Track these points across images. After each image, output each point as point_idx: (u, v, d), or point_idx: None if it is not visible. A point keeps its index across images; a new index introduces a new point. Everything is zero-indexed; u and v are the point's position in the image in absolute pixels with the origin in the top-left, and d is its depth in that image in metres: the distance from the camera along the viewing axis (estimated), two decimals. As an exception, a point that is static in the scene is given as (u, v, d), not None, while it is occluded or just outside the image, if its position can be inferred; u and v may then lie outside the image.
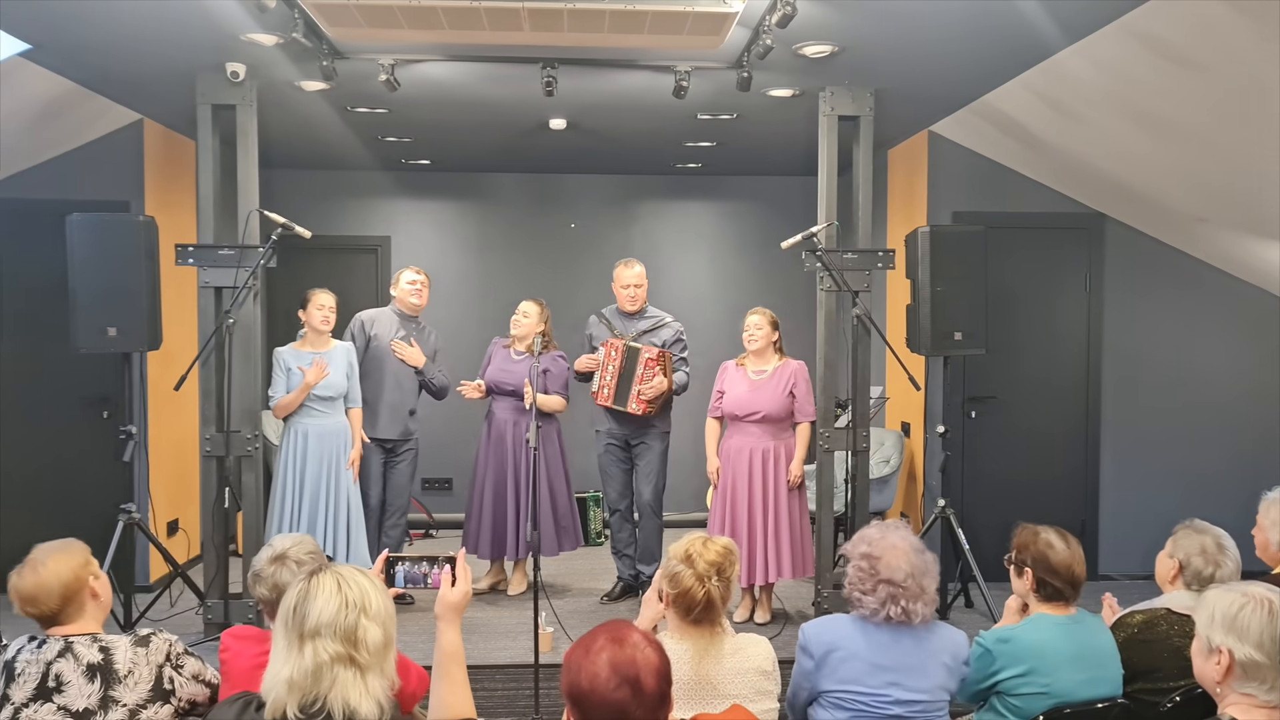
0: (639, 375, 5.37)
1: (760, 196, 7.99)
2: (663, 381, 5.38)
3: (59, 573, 2.60)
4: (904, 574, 2.63)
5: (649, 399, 5.38)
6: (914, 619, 2.64)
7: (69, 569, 2.62)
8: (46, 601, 2.59)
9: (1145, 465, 6.28)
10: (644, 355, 5.37)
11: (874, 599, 2.65)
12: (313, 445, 5.15)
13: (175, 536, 6.27)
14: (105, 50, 4.56)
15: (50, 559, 2.62)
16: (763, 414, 5.11)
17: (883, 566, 2.64)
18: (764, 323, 5.21)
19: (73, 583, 2.62)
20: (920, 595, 2.65)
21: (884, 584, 2.64)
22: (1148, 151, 5.11)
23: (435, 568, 2.44)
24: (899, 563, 2.64)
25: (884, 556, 2.66)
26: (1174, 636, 2.88)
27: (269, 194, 6.87)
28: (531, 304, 5.69)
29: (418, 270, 5.77)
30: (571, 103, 5.51)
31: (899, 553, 2.66)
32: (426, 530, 7.54)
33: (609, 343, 5.52)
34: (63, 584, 2.60)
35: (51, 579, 2.59)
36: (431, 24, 3.33)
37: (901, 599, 2.63)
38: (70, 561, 2.64)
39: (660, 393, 5.40)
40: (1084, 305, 6.28)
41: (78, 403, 5.94)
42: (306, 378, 5.10)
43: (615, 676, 1.87)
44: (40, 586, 2.59)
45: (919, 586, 2.64)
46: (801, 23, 3.96)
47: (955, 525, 5.31)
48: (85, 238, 4.97)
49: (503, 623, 5.30)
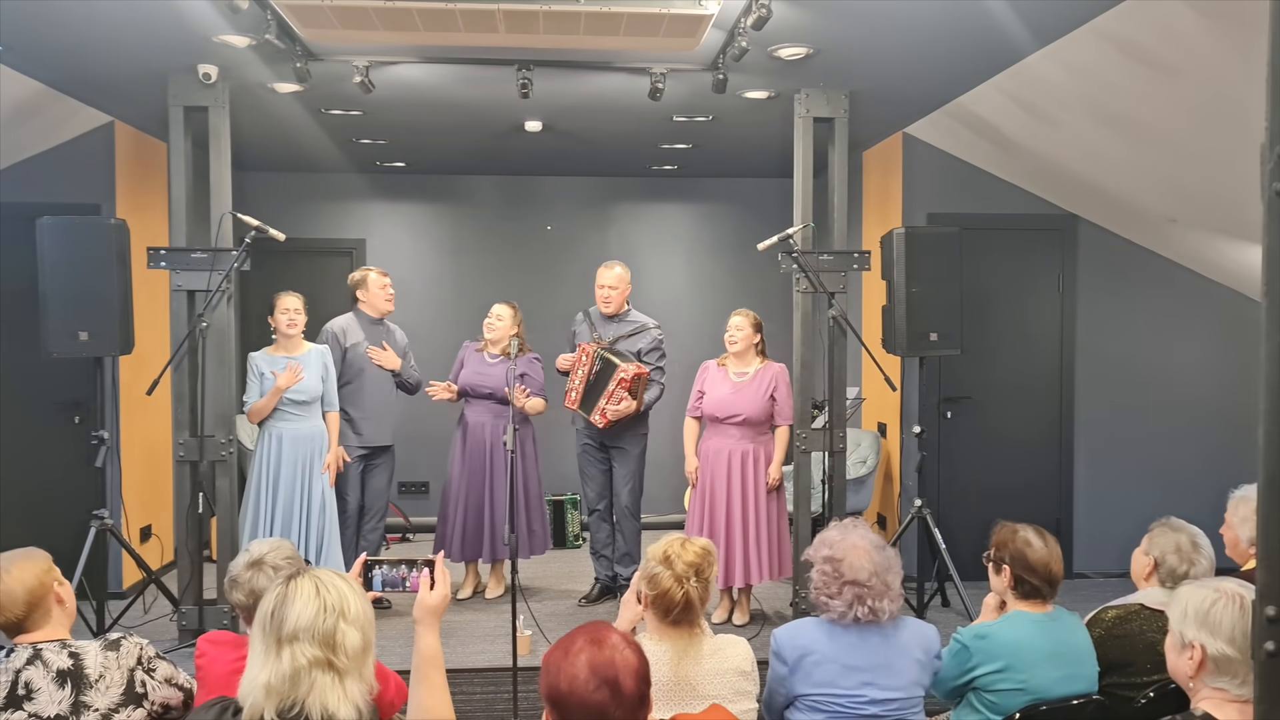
0: (608, 391, 5.33)
1: (736, 198, 8.01)
2: (630, 405, 5.33)
3: (23, 580, 2.57)
4: (868, 573, 2.65)
5: (610, 418, 5.36)
6: (882, 616, 2.66)
7: (32, 575, 2.60)
8: (11, 609, 2.56)
9: (1119, 464, 6.34)
10: (618, 374, 5.30)
11: (840, 601, 2.67)
12: (287, 449, 5.12)
13: (149, 542, 6.20)
14: (75, 52, 4.52)
15: (13, 567, 2.59)
16: (744, 416, 5.11)
17: (846, 568, 2.66)
18: (746, 324, 5.21)
19: (37, 589, 2.59)
20: (885, 592, 2.67)
21: (849, 585, 2.65)
22: (1119, 153, 5.16)
23: (414, 571, 2.43)
24: (861, 562, 2.66)
25: (846, 558, 2.67)
26: (1148, 632, 2.91)
27: (243, 196, 6.83)
28: (505, 306, 5.68)
29: (383, 273, 5.73)
30: (547, 105, 5.50)
31: (860, 552, 2.68)
32: (403, 534, 7.50)
33: (583, 346, 5.51)
34: (27, 590, 2.57)
35: (16, 586, 2.56)
36: (406, 26, 3.32)
37: (868, 598, 2.65)
38: (33, 569, 2.61)
39: (625, 415, 5.37)
40: (1057, 305, 6.34)
41: (49, 408, 5.87)
42: (279, 381, 5.06)
43: (594, 678, 1.87)
44: (4, 594, 2.56)
45: (883, 584, 2.66)
46: (776, 25, 3.98)
47: (931, 525, 5.34)
48: (56, 241, 4.92)
49: (481, 626, 5.29)
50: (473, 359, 5.68)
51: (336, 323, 5.57)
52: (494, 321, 5.63)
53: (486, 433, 5.58)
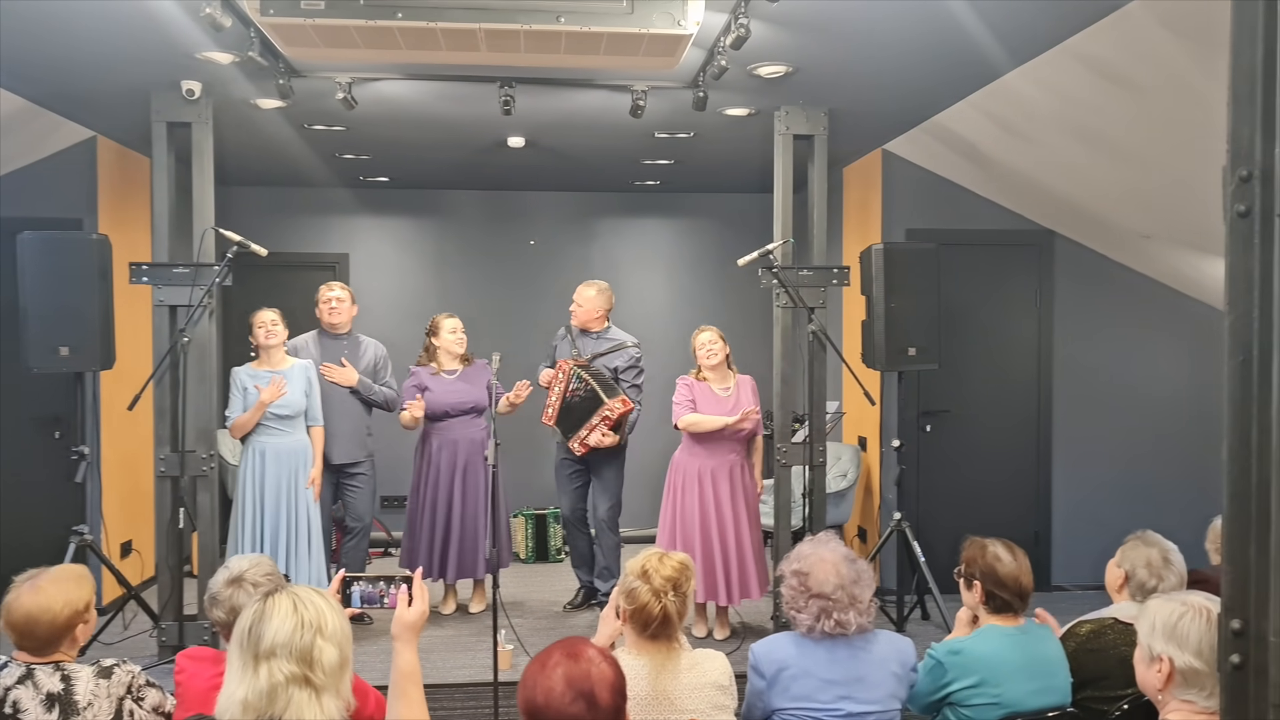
0: (590, 423, 5.34)
1: (718, 214, 8.06)
2: (610, 440, 5.35)
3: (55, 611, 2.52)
4: (833, 586, 2.68)
5: (590, 447, 5.38)
6: (849, 629, 2.69)
7: (68, 612, 2.54)
8: (34, 632, 2.53)
9: (1096, 477, 6.40)
10: (603, 411, 5.30)
11: (807, 615, 2.70)
12: (270, 464, 5.11)
13: (129, 558, 6.18)
14: (58, 67, 4.53)
15: (50, 591, 2.53)
16: (746, 430, 5.16)
17: (812, 581, 2.69)
18: (717, 338, 5.25)
19: (63, 626, 2.55)
20: (852, 605, 2.69)
21: (815, 599, 2.69)
22: (1093, 170, 5.23)
23: (392, 587, 2.44)
24: (827, 575, 2.69)
25: (813, 571, 2.71)
26: (1121, 645, 2.94)
27: (227, 211, 6.82)
28: (457, 319, 5.72)
29: (333, 285, 5.65)
30: (530, 121, 5.53)
31: (827, 565, 2.71)
32: (385, 549, 7.49)
33: (560, 363, 5.54)
34: (53, 625, 2.52)
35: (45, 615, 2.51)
36: (389, 44, 3.35)
37: (833, 611, 2.68)
38: (72, 602, 2.56)
39: (606, 446, 5.38)
40: (1034, 320, 6.40)
41: (29, 423, 5.84)
42: (263, 396, 5.06)
43: (570, 691, 1.89)
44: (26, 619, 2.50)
45: (849, 596, 2.69)
46: (755, 44, 4.03)
47: (910, 538, 5.37)
48: (36, 256, 4.91)
49: (461, 640, 5.29)
50: (434, 382, 5.59)
51: (296, 340, 5.53)
52: (462, 336, 5.66)
53: (458, 450, 5.57)
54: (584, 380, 5.40)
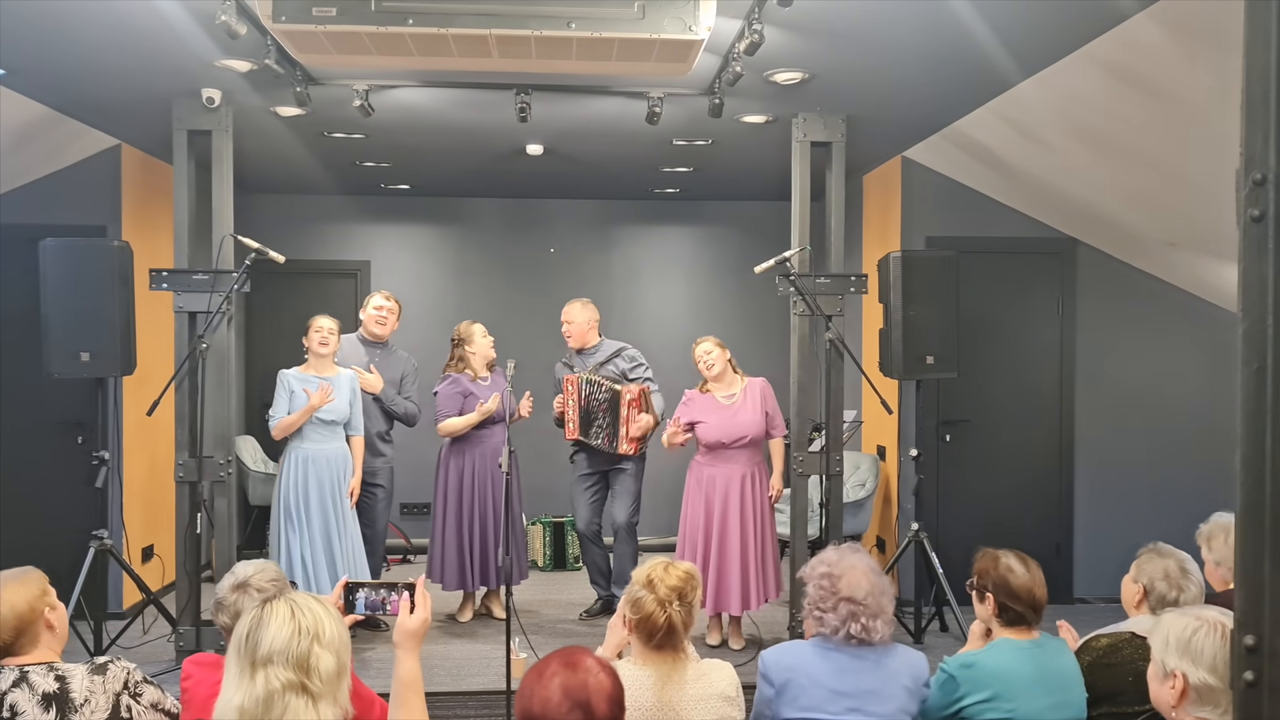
0: (624, 416, 5.39)
1: (737, 221, 8.04)
2: (648, 420, 5.42)
3: (13, 603, 2.55)
4: (864, 592, 2.66)
5: (638, 438, 5.42)
6: (874, 636, 2.66)
7: (23, 599, 2.57)
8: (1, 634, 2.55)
9: (1120, 488, 6.31)
10: (625, 398, 5.38)
11: (835, 616, 2.67)
12: (313, 470, 5.13)
13: (150, 563, 6.22)
14: (80, 76, 4.58)
15: (5, 589, 2.57)
16: (749, 437, 5.13)
17: (843, 585, 2.67)
18: (715, 348, 5.24)
19: (27, 614, 2.57)
20: (880, 613, 2.68)
21: (845, 602, 2.66)
22: (1115, 176, 5.17)
23: (394, 594, 2.43)
24: (859, 581, 2.68)
25: (844, 575, 2.69)
26: (1138, 661, 2.89)
27: (250, 219, 6.88)
28: (481, 326, 5.74)
29: (387, 296, 5.76)
30: (547, 128, 5.54)
31: (859, 572, 2.70)
32: (404, 556, 7.51)
33: (567, 379, 5.59)
34: (16, 615, 2.55)
35: (5, 610, 2.54)
36: (400, 50, 3.35)
37: (862, 616, 2.66)
38: (25, 592, 2.59)
39: (648, 430, 5.44)
40: (1056, 329, 6.33)
41: (52, 427, 5.90)
42: (312, 400, 5.09)
43: (567, 701, 1.88)
44: None
45: (878, 605, 2.68)
46: (770, 50, 4.01)
47: (928, 549, 5.32)
48: (58, 262, 4.97)
49: (475, 649, 5.28)
50: (476, 388, 5.60)
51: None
52: (485, 343, 5.67)
53: (480, 459, 5.58)
54: (594, 383, 5.45)
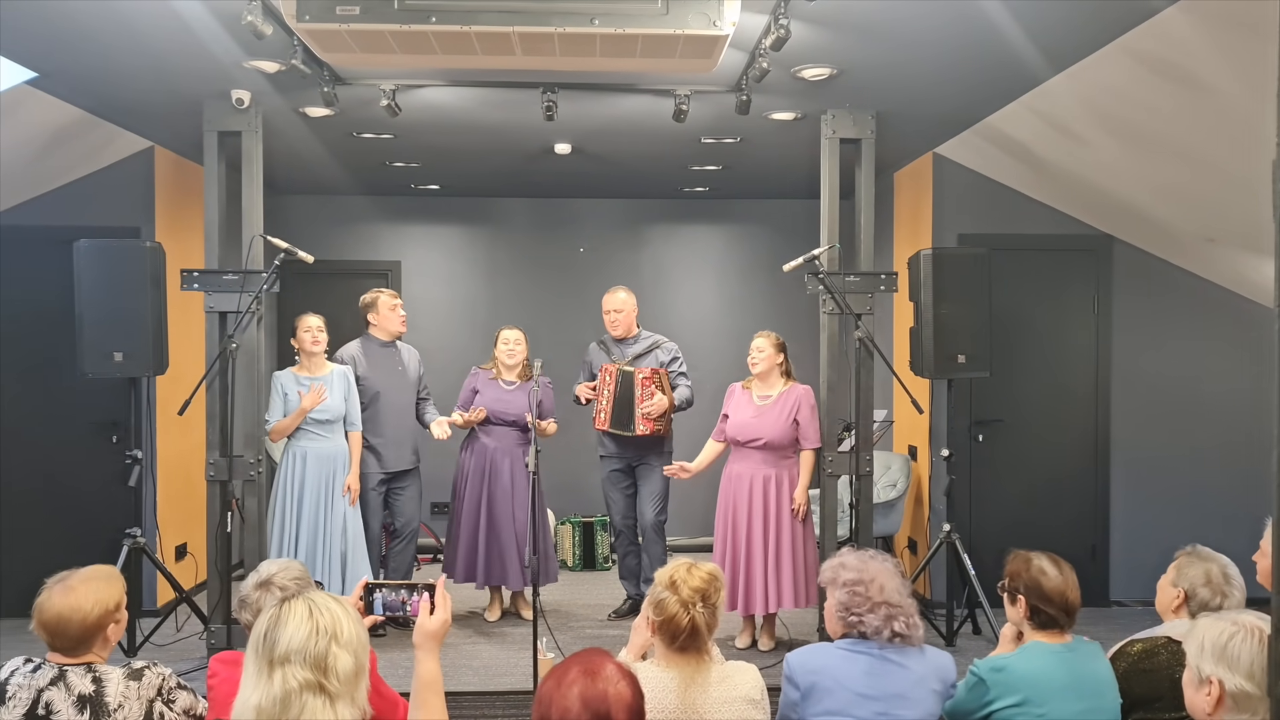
0: (638, 397, 5.40)
1: (767, 220, 7.98)
2: (663, 399, 5.41)
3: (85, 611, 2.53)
4: (898, 595, 2.69)
5: (654, 417, 5.39)
6: (916, 631, 2.68)
7: (97, 611, 2.56)
8: (65, 632, 2.54)
9: (1157, 489, 6.20)
10: (639, 377, 5.41)
11: (875, 617, 2.66)
12: (310, 468, 5.16)
13: (184, 561, 6.28)
14: (112, 79, 4.62)
15: (80, 591, 2.55)
16: (764, 440, 5.08)
17: (875, 590, 2.68)
18: (767, 345, 5.18)
19: (95, 625, 2.57)
20: (914, 612, 2.70)
21: (882, 605, 2.67)
22: (1151, 171, 5.07)
23: (414, 595, 2.42)
24: (891, 583, 2.69)
25: (875, 579, 2.70)
26: (1174, 666, 2.82)
27: (283, 220, 6.94)
28: (518, 331, 5.75)
29: (394, 295, 5.79)
30: (574, 127, 5.53)
31: (887, 574, 2.72)
32: (435, 555, 7.52)
33: (605, 368, 5.56)
34: (84, 625, 2.54)
35: (76, 616, 2.52)
36: (423, 49, 3.35)
37: (900, 616, 2.67)
38: (111, 595, 2.58)
39: (663, 410, 5.41)
40: (1092, 328, 6.22)
41: (87, 427, 5.97)
42: (304, 403, 5.12)
43: (586, 711, 1.85)
44: (57, 620, 2.52)
45: (911, 605, 2.70)
46: (797, 46, 3.96)
47: (960, 550, 5.24)
48: (92, 263, 5.02)
49: (503, 649, 5.27)
50: (489, 386, 5.68)
51: (345, 351, 5.60)
52: (515, 348, 5.67)
53: (501, 458, 5.59)
54: (622, 374, 5.48)
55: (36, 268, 5.85)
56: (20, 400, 5.95)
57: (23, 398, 5.95)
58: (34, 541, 5.80)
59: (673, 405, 5.48)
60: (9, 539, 5.87)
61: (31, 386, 5.95)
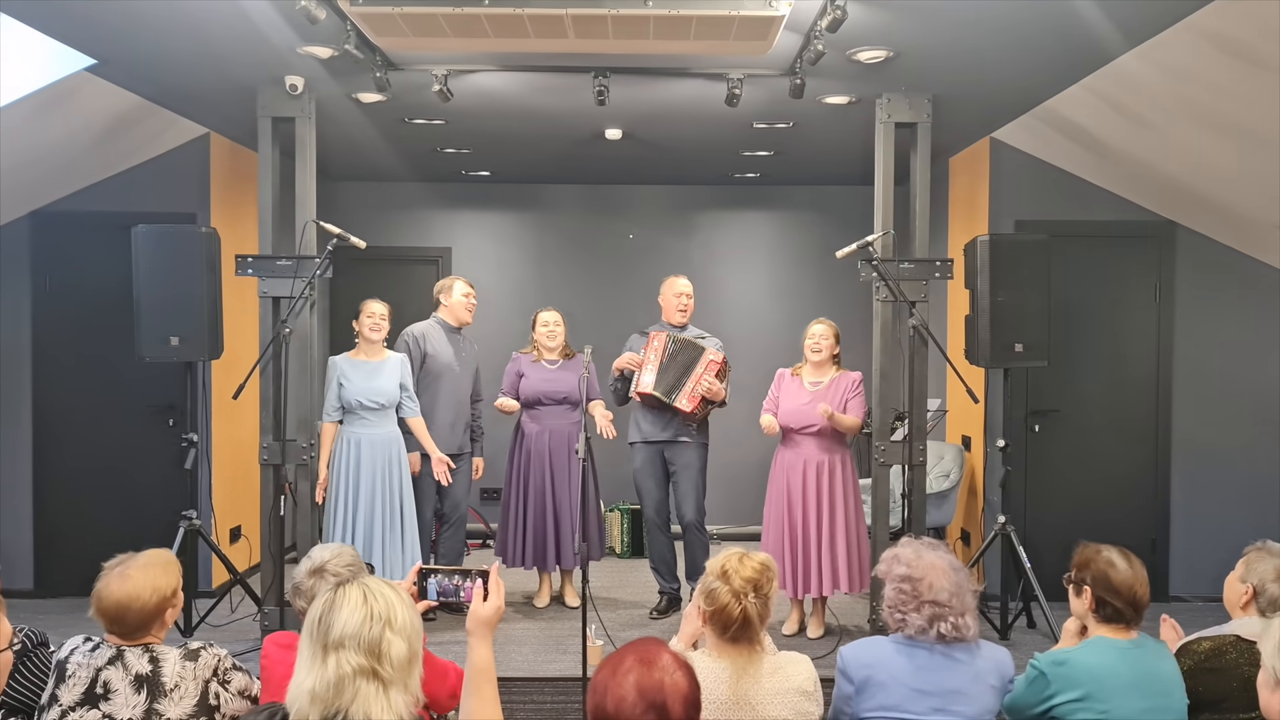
0: (697, 374, 5.29)
1: (820, 206, 7.89)
2: (720, 387, 5.31)
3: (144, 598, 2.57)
4: (948, 593, 2.58)
5: (701, 396, 5.28)
6: (966, 633, 2.59)
7: (156, 598, 2.60)
8: (124, 619, 2.58)
9: (1219, 482, 6.03)
10: (708, 355, 5.30)
11: (920, 617, 2.59)
12: (365, 454, 5.17)
13: (238, 543, 6.36)
14: (168, 65, 4.67)
15: (150, 573, 2.59)
16: (818, 426, 5.02)
17: (924, 587, 2.59)
18: (829, 333, 5.13)
19: (154, 610, 2.60)
20: (965, 611, 2.60)
21: (928, 604, 2.58)
22: (1220, 156, 4.92)
23: (468, 581, 2.41)
24: (940, 581, 2.59)
25: (925, 577, 2.60)
26: (1244, 665, 2.75)
27: (334, 206, 6.98)
28: (556, 313, 5.75)
29: (469, 283, 5.80)
30: (626, 112, 5.49)
31: (939, 572, 2.61)
32: (484, 540, 7.56)
33: (655, 334, 5.46)
34: (143, 611, 2.58)
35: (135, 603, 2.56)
36: (476, 32, 3.33)
37: (948, 616, 2.58)
38: (169, 581, 2.62)
39: (720, 397, 5.32)
40: (1153, 316, 6.07)
41: (144, 411, 6.07)
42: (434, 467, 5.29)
43: (641, 701, 1.82)
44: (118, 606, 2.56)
45: (963, 604, 2.60)
46: (853, 28, 3.89)
47: (1016, 542, 5.15)
48: (149, 249, 5.08)
49: (552, 635, 5.28)
50: (532, 369, 5.67)
51: (416, 327, 5.62)
52: (555, 329, 5.66)
53: (550, 440, 5.59)
54: (679, 341, 5.36)
55: (96, 253, 5.95)
56: (80, 384, 6.06)
57: (82, 381, 6.06)
58: (93, 523, 5.92)
59: (724, 400, 5.40)
60: (69, 520, 6.00)
61: (91, 370, 6.05)
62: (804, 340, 5.19)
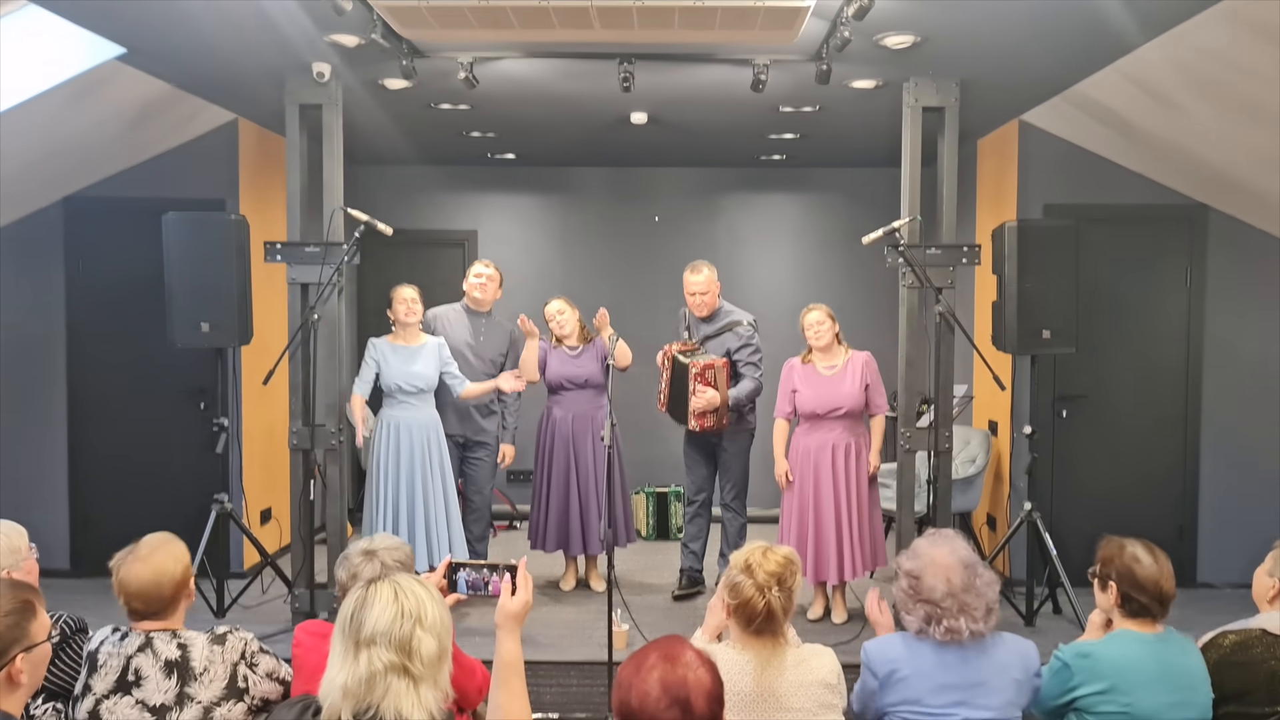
0: (691, 391, 5.28)
1: (845, 189, 7.85)
2: (714, 396, 5.27)
3: (171, 571, 2.65)
4: (941, 593, 2.57)
5: (702, 412, 5.30)
6: (961, 635, 2.57)
7: (180, 569, 2.68)
8: (159, 595, 2.64)
9: (1249, 469, 5.98)
10: (691, 372, 5.26)
11: (916, 618, 2.62)
12: (404, 437, 5.22)
13: (268, 525, 6.45)
14: (197, 53, 4.69)
15: (158, 557, 2.65)
16: (845, 409, 5.04)
17: (922, 585, 2.60)
18: (825, 317, 5.14)
19: (182, 581, 2.68)
20: (963, 612, 2.57)
21: (922, 603, 2.60)
22: (1253, 139, 4.85)
23: (496, 575, 2.45)
24: (936, 581, 2.58)
25: (924, 575, 2.61)
26: (1270, 660, 2.75)
27: (360, 190, 7.01)
28: (562, 301, 5.75)
29: (486, 264, 5.79)
30: (651, 97, 5.47)
31: (939, 570, 2.60)
32: (511, 522, 7.62)
33: (665, 350, 5.54)
34: (174, 584, 2.66)
35: (165, 578, 2.64)
36: (501, 24, 3.34)
37: (942, 618, 2.58)
38: (180, 563, 2.69)
39: (713, 406, 5.29)
40: (1184, 301, 6.01)
41: (176, 395, 6.14)
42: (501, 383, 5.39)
43: (665, 696, 1.85)
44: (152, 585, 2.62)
45: (959, 604, 2.57)
46: (881, 13, 3.86)
47: (1042, 529, 5.14)
48: (180, 236, 5.14)
49: (578, 619, 5.32)
50: (554, 355, 5.69)
51: (433, 311, 5.65)
52: (560, 319, 5.67)
53: (574, 423, 5.62)
54: (675, 362, 5.42)
55: (127, 239, 5.99)
56: (113, 368, 6.14)
57: (116, 366, 6.14)
58: (127, 505, 6.01)
59: (725, 403, 5.34)
60: (103, 502, 6.10)
61: (124, 355, 6.13)
62: (804, 331, 5.19)
